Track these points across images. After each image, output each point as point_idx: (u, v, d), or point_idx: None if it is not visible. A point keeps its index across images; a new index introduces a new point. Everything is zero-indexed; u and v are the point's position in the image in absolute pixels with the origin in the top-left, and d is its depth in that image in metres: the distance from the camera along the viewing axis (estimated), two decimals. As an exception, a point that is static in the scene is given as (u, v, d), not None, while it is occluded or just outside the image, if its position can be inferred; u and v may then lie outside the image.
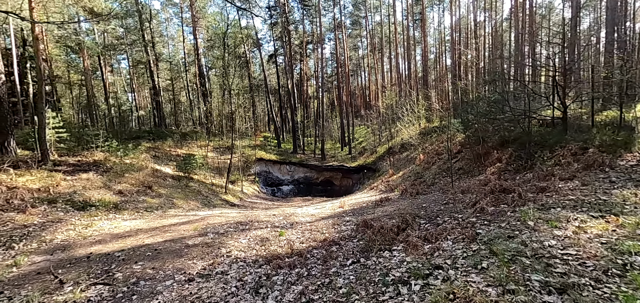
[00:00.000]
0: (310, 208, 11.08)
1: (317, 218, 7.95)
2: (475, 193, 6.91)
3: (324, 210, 9.85)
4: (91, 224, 7.30)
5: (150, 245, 5.71)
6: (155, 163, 17.85)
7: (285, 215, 8.61)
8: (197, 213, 9.72)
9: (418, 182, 13.61)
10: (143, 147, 20.39)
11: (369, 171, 22.43)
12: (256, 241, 5.95)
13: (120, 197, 9.93)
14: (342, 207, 9.44)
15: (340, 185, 24.64)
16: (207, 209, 11.23)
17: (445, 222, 5.28)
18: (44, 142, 11.53)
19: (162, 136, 23.59)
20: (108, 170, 12.34)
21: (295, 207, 13.19)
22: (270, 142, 31.38)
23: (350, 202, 11.98)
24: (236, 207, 13.87)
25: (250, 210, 11.22)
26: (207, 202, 13.19)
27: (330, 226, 6.83)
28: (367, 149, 27.70)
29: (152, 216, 8.76)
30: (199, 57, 30.83)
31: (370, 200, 11.49)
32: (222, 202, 14.38)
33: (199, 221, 7.70)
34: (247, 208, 13.76)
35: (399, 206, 7.86)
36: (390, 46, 35.83)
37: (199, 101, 34.61)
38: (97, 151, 14.65)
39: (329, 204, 12.41)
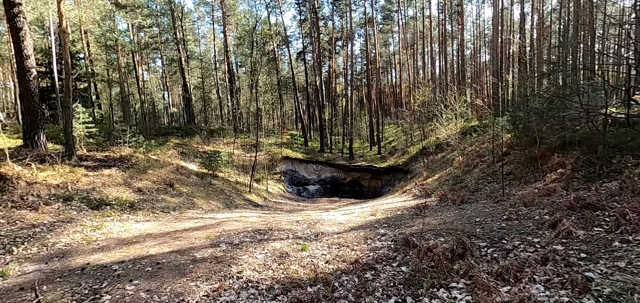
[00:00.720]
0: (337, 213, 10.01)
1: (346, 227, 6.86)
2: (547, 207, 5.48)
3: (352, 216, 8.74)
4: (101, 226, 6.72)
5: (154, 257, 4.91)
6: (181, 160, 17.61)
7: (310, 222, 7.60)
8: (215, 215, 8.98)
9: (458, 187, 12.08)
10: (171, 143, 20.33)
11: (400, 172, 20.93)
12: (274, 257, 4.97)
13: (139, 195, 9.43)
14: (374, 215, 8.27)
15: (369, 186, 23.33)
16: (227, 210, 10.50)
17: (516, 248, 3.99)
18: (70, 136, 11.38)
19: (190, 132, 23.56)
20: (132, 166, 12.03)
21: (321, 211, 12.17)
22: (297, 140, 30.66)
23: (382, 208, 10.76)
24: (259, 208, 13.12)
25: (273, 214, 10.33)
26: (229, 202, 12.53)
27: (361, 240, 5.71)
28: (398, 149, 26.11)
29: (167, 218, 8.12)
30: (229, 54, 30.74)
31: (405, 206, 10.20)
32: (245, 202, 13.68)
33: (213, 227, 6.89)
34: (271, 209, 12.94)
35: (444, 218, 6.57)
36: (423, 41, 33.80)
37: (228, 99, 34.69)
38: (125, 146, 14.52)
39: (358, 209, 11.27)
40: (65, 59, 11.25)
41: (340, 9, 32.02)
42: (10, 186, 7.59)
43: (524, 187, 9.04)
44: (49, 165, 9.73)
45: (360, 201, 17.47)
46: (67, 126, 11.27)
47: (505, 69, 24.92)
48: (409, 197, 13.31)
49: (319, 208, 14.59)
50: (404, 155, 22.69)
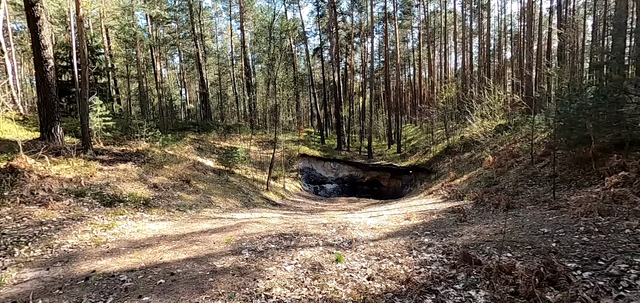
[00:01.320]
0: (363, 215, 9.17)
1: (381, 234, 6.03)
2: (632, 217, 4.49)
3: (382, 220, 7.89)
4: (112, 225, 6.12)
5: (168, 266, 4.22)
6: (198, 155, 17.15)
7: (338, 225, 6.80)
8: (234, 215, 8.29)
9: (493, 190, 11.02)
10: (188, 138, 19.96)
11: (422, 172, 19.86)
12: (306, 269, 4.20)
13: (154, 192, 8.86)
14: (409, 219, 7.39)
15: (389, 186, 22.35)
16: (246, 210, 9.82)
17: (626, 274, 3.06)
18: (87, 129, 10.97)
19: (207, 128, 23.18)
20: (148, 161, 11.54)
21: (344, 212, 11.36)
22: (313, 138, 29.92)
23: (411, 210, 9.85)
24: (278, 207, 12.42)
25: (294, 215, 9.57)
26: (247, 201, 11.87)
27: (404, 250, 4.88)
28: (419, 148, 24.97)
29: (183, 217, 7.49)
30: (246, 50, 30.27)
31: (438, 209, 9.27)
32: (263, 200, 13.02)
33: (234, 229, 6.18)
34: (290, 209, 12.22)
35: (495, 227, 5.64)
36: (446, 36, 32.36)
37: (244, 95, 34.29)
38: (142, 141, 14.12)
39: (384, 211, 10.39)
40: (81, 49, 10.83)
41: (359, 3, 31.02)
42: (21, 180, 7.12)
43: (576, 191, 7.96)
44: (64, 158, 9.29)
45: (382, 201, 16.55)
46: (83, 118, 10.86)
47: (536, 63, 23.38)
48: (437, 199, 12.32)
49: (340, 209, 13.79)
50: (425, 154, 21.58)
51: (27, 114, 16.07)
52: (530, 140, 12.39)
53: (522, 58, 20.54)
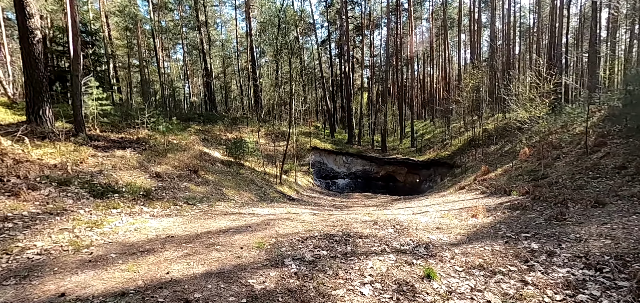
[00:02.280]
0: (406, 212, 7.65)
1: (457, 236, 4.50)
2: None
3: (437, 217, 6.37)
4: (102, 221, 4.58)
5: (180, 285, 2.68)
6: (203, 146, 15.60)
7: (392, 224, 5.26)
8: (254, 210, 6.75)
9: (545, 183, 9.53)
10: (192, 129, 18.43)
11: (443, 166, 18.33)
12: (391, 292, 2.68)
13: (157, 181, 7.32)
14: (476, 216, 5.85)
15: (405, 182, 20.82)
16: (265, 205, 8.27)
17: None
18: (79, 111, 9.42)
19: (212, 119, 21.63)
20: (149, 148, 10.00)
21: (373, 208, 9.82)
22: (322, 131, 28.36)
23: (456, 206, 8.33)
24: (296, 203, 10.89)
25: (323, 210, 8.02)
26: (263, 194, 10.33)
27: (514, 260, 3.35)
28: (434, 142, 23.43)
29: (193, 212, 5.94)
30: (251, 41, 28.67)
31: (491, 205, 7.75)
32: (278, 195, 11.49)
33: (262, 228, 4.64)
34: (310, 204, 10.69)
35: (622, 228, 4.11)
36: (460, 25, 30.74)
37: (250, 88, 32.73)
38: (143, 128, 12.58)
39: (427, 207, 8.86)
40: (72, 17, 9.26)
41: (369, -8, 29.39)
42: (-11, 164, 5.59)
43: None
44: (50, 142, 7.76)
45: (405, 198, 15.02)
46: (75, 98, 9.31)
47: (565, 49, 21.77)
48: (476, 194, 10.78)
49: (363, 205, 12.27)
50: (444, 148, 20.05)
51: (17, 98, 14.51)
52: (585, 128, 10.82)
53: (554, 44, 18.96)
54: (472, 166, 15.48)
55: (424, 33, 39.06)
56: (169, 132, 12.47)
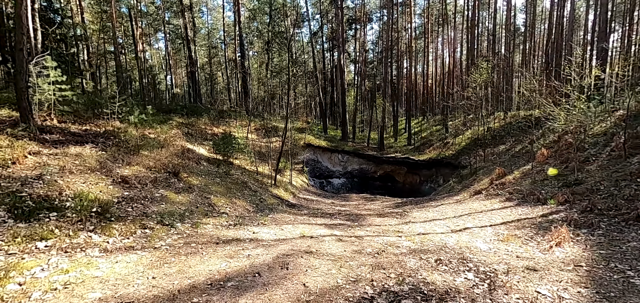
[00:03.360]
0: (441, 230, 6.09)
1: (578, 290, 2.94)
2: None
3: (497, 243, 4.84)
4: (12, 268, 2.69)
5: None
6: (187, 141, 13.56)
7: (454, 257, 3.64)
8: (255, 231, 4.95)
9: (585, 191, 8.24)
10: (174, 122, 16.28)
11: (446, 167, 17.03)
12: None
13: (122, 189, 5.39)
14: (561, 245, 4.30)
15: (405, 182, 19.42)
16: (267, 220, 6.45)
17: None
18: (24, 95, 7.25)
19: (197, 111, 19.46)
20: (118, 144, 7.98)
21: (390, 217, 8.21)
22: (313, 127, 26.59)
23: (502, 217, 6.86)
24: (296, 210, 9.14)
25: (339, 226, 6.26)
26: (259, 201, 8.50)
27: None
28: (433, 140, 22.18)
29: (170, 239, 4.09)
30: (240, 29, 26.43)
31: (537, 218, 6.32)
32: (275, 200, 9.69)
33: (279, 279, 2.89)
34: (313, 213, 8.95)
35: None
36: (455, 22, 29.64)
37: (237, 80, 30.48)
38: (114, 120, 10.45)
39: (460, 220, 7.33)
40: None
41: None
42: None
43: None
44: (-26, 134, 5.67)
45: (410, 202, 13.55)
46: (18, 78, 7.14)
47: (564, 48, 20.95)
48: (502, 201, 9.38)
49: (368, 211, 10.67)
50: (446, 147, 18.77)
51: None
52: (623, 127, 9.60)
53: (560, 42, 18.01)
54: (482, 167, 14.19)
55: (418, 29, 37.91)
56: (145, 124, 10.40)
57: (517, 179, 11.18)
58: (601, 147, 10.60)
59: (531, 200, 8.80)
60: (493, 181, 11.84)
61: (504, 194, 10.18)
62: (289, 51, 13.16)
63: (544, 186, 9.76)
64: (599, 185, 8.32)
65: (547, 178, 10.15)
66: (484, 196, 10.75)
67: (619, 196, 7.33)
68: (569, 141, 12.11)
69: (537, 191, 9.55)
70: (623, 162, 8.95)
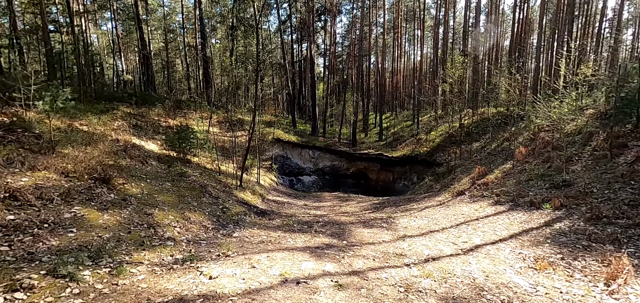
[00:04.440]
0: (448, 249, 4.95)
1: None
2: None
3: (532, 274, 3.76)
4: None
5: None
6: (133, 135, 11.27)
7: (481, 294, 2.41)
8: (214, 274, 3.30)
9: (578, 193, 7.73)
10: (120, 112, 13.71)
11: (421, 164, 16.39)
12: None
13: (6, 211, 3.46)
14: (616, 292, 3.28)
15: (378, 180, 18.56)
16: (232, 244, 4.78)
17: None
18: None
19: (149, 100, 16.83)
20: (21, 140, 5.81)
21: (380, 229, 6.97)
22: (282, 121, 24.82)
23: (507, 229, 5.91)
24: (266, 218, 7.57)
25: (340, 260, 4.81)
26: (221, 213, 6.77)
27: None
28: (404, 136, 21.61)
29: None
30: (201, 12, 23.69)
31: (540, 226, 5.49)
32: (242, 209, 7.99)
33: None
34: (284, 222, 7.44)
35: None
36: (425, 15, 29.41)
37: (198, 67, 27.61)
38: (30, 108, 7.98)
39: (459, 231, 6.27)
40: None
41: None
42: None
43: None
44: None
45: (388, 202, 12.56)
46: None
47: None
48: (492, 205, 8.62)
49: (340, 212, 9.42)
50: (419, 143, 18.19)
51: None
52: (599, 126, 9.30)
53: (522, 43, 18.11)
54: (460, 165, 13.63)
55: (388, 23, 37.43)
56: (70, 113, 8.09)
57: (500, 179, 10.61)
58: (580, 146, 10.34)
59: (523, 204, 8.10)
60: (475, 180, 11.20)
61: (490, 196, 9.47)
62: (256, 35, 11.32)
63: (531, 187, 9.19)
64: (590, 187, 7.80)
65: (532, 178, 9.63)
66: (469, 198, 10.01)
67: (618, 200, 6.78)
68: (546, 139, 11.87)
69: (525, 192, 8.94)
70: (608, 162, 8.60)
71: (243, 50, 30.89)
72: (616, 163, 8.39)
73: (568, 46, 10.69)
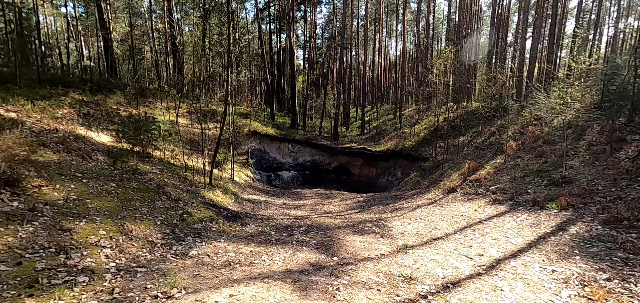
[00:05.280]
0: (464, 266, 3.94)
1: None
2: None
3: (562, 295, 2.81)
4: None
5: None
6: (82, 125, 9.48)
7: None
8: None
9: (584, 191, 7.07)
10: (69, 99, 11.73)
11: (405, 159, 15.60)
12: None
13: None
14: None
15: (360, 175, 17.62)
16: (184, 277, 3.48)
17: None
18: None
19: (107, 87, 14.77)
20: None
21: (372, 235, 5.90)
22: (260, 113, 23.24)
23: (519, 237, 5.02)
24: (239, 223, 6.28)
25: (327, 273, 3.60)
26: (180, 219, 5.38)
27: None
28: (387, 130, 20.82)
29: None
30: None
31: (564, 236, 4.65)
32: (210, 213, 6.62)
33: None
34: (259, 230, 6.19)
35: None
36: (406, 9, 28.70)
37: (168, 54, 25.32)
38: None
39: (460, 235, 5.31)
40: None
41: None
42: None
43: None
44: None
45: (375, 199, 11.60)
46: None
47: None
48: (491, 204, 7.81)
49: (329, 218, 8.30)
50: (402, 138, 17.41)
51: None
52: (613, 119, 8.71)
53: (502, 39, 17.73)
54: (447, 160, 12.90)
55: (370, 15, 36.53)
56: None
57: (492, 175, 9.91)
58: (573, 140, 9.83)
59: (524, 203, 7.33)
60: (465, 176, 10.46)
61: (485, 193, 8.71)
62: (228, 8, 9.80)
63: (528, 184, 8.50)
64: (594, 185, 7.15)
65: (528, 174, 8.97)
66: (462, 196, 9.21)
67: (629, 199, 6.13)
68: (536, 132, 11.37)
69: (523, 190, 8.22)
70: (609, 157, 8.06)
71: (218, 38, 28.80)
72: (617, 158, 7.83)
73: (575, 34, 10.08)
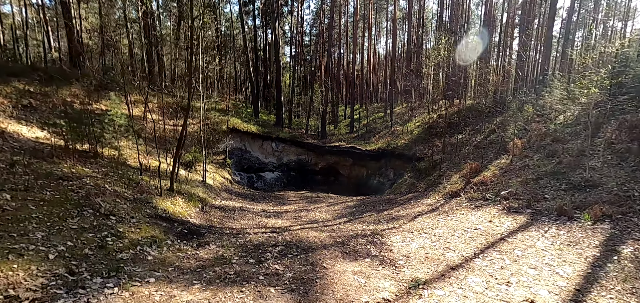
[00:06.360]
0: None
1: None
2: None
3: None
4: None
5: None
6: (17, 119, 7.68)
7: None
8: None
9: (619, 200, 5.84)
10: (9, 89, 9.85)
11: (398, 159, 14.29)
12: None
13: None
14: None
15: (350, 176, 16.21)
16: None
17: None
18: None
19: (62, 77, 12.79)
20: None
21: (368, 260, 4.45)
22: (243, 110, 21.51)
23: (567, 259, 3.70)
24: (193, 242, 4.73)
25: None
26: (97, 248, 3.74)
27: None
28: (377, 128, 19.53)
29: None
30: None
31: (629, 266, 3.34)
32: (152, 233, 4.99)
33: None
34: (217, 256, 4.65)
35: None
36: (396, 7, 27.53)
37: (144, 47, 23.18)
38: None
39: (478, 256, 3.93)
40: None
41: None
42: None
43: None
44: None
45: (371, 207, 10.18)
46: None
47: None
48: (505, 214, 6.51)
49: (314, 229, 6.80)
50: (394, 136, 16.12)
51: None
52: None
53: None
54: (445, 160, 11.63)
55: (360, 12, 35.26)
56: None
57: (499, 178, 8.65)
58: (588, 138, 8.72)
59: (546, 212, 6.05)
60: (468, 179, 9.19)
61: (495, 199, 7.42)
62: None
63: (544, 188, 7.25)
64: (629, 191, 5.93)
65: (541, 176, 7.76)
66: (468, 202, 7.91)
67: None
68: (541, 129, 10.26)
69: (540, 195, 6.96)
70: (636, 157, 6.93)
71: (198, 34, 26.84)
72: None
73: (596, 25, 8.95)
